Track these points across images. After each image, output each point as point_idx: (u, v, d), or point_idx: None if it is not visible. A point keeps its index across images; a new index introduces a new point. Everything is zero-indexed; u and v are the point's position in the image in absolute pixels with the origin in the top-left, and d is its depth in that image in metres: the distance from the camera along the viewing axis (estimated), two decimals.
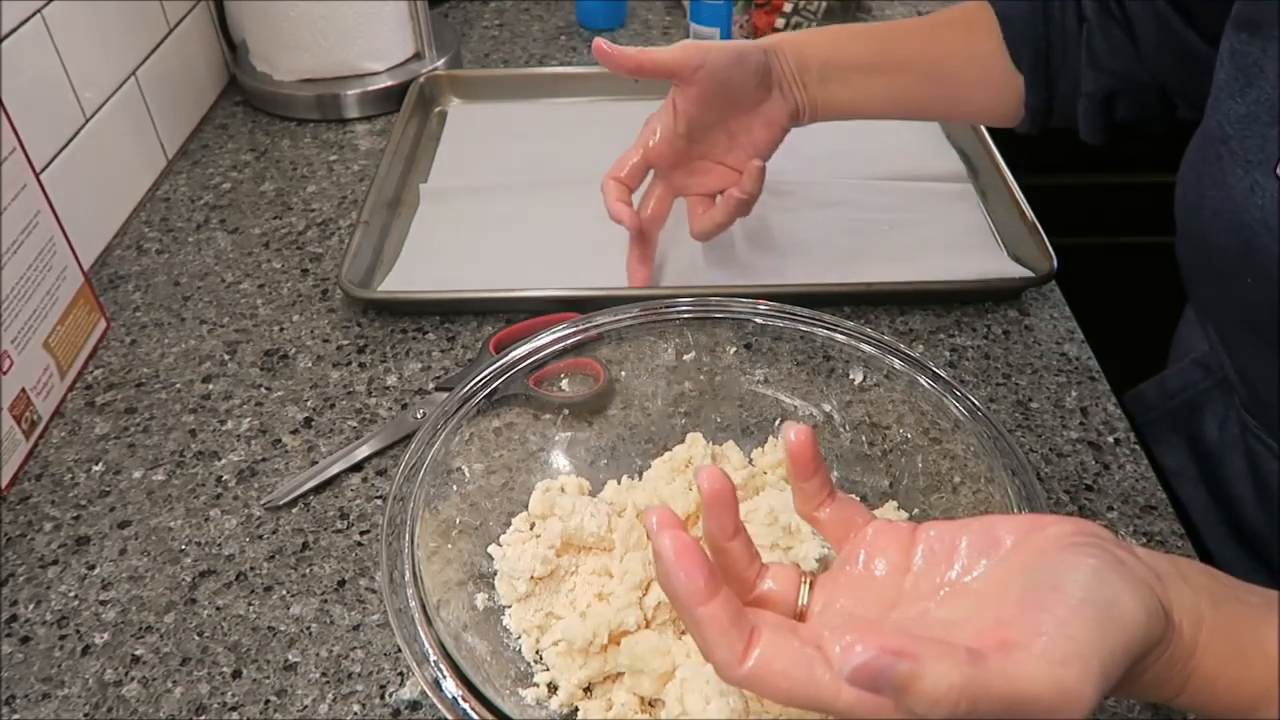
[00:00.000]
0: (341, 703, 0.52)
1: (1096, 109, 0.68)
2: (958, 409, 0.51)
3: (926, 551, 0.38)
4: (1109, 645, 0.31)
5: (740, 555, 0.39)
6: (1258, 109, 0.48)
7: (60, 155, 0.79)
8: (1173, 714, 0.51)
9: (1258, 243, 0.48)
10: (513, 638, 0.49)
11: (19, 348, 0.64)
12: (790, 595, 0.39)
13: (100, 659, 0.54)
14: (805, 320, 0.56)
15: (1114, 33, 0.66)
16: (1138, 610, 0.33)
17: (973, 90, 0.72)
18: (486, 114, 1.02)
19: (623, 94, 1.01)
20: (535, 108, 1.03)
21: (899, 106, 0.73)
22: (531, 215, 0.85)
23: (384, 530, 0.46)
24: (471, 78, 1.05)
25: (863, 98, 0.71)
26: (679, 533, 0.35)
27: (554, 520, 0.51)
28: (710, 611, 0.34)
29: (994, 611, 0.33)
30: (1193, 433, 0.67)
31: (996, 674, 0.30)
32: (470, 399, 0.53)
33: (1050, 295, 0.78)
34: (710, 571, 0.35)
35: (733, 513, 0.39)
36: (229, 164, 0.97)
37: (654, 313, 0.57)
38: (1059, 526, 0.36)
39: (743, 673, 0.34)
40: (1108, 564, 0.34)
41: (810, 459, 0.41)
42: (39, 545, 0.60)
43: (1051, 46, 0.68)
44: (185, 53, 1.00)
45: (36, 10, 0.76)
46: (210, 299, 0.80)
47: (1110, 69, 0.66)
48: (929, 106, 0.75)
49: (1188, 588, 0.36)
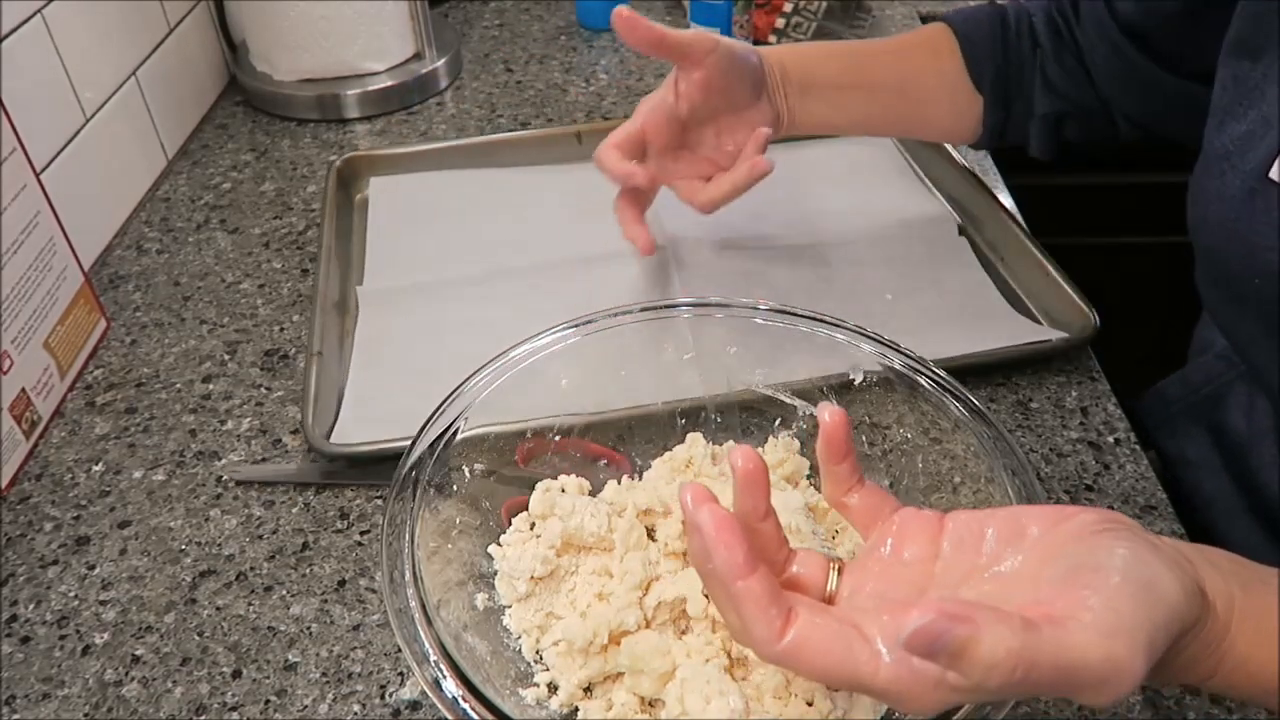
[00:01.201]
0: (341, 703, 0.52)
1: (1048, 129, 0.74)
2: (958, 409, 0.51)
3: (955, 539, 0.38)
4: (1154, 620, 0.32)
5: (771, 537, 0.39)
6: (1257, 126, 0.52)
7: (60, 155, 0.79)
8: (1172, 714, 0.51)
9: (1260, 243, 0.50)
10: (513, 638, 0.49)
11: (19, 348, 0.64)
12: (819, 580, 0.39)
13: (100, 659, 0.54)
14: (805, 320, 0.56)
15: (1066, 59, 0.71)
16: (1176, 589, 0.33)
17: (939, 109, 0.76)
18: (413, 188, 0.91)
19: (568, 160, 0.92)
20: (473, 179, 0.92)
21: (870, 123, 0.78)
22: (487, 313, 0.76)
23: (384, 530, 0.46)
24: (385, 157, 0.93)
25: (837, 113, 0.75)
26: (716, 507, 0.35)
27: (554, 520, 0.51)
28: (749, 586, 0.34)
29: (1029, 594, 0.33)
30: (1217, 424, 0.68)
31: (1050, 642, 0.30)
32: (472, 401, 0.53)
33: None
34: (749, 547, 0.35)
35: (765, 493, 0.39)
36: (229, 164, 0.97)
37: (654, 312, 0.57)
38: (1085, 515, 0.36)
39: (780, 649, 0.34)
40: (1143, 547, 0.34)
41: (843, 440, 0.41)
42: (39, 545, 0.60)
43: (1009, 70, 0.73)
44: (185, 53, 1.00)
45: (36, 10, 0.77)
46: (210, 299, 0.80)
47: (1062, 93, 0.72)
48: (897, 124, 0.80)
49: (1216, 571, 0.37)
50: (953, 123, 0.77)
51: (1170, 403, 0.72)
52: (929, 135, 0.85)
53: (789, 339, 0.56)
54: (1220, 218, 0.54)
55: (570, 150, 0.92)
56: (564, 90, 1.07)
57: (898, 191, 0.89)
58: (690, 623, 0.47)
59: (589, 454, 0.58)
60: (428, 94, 1.06)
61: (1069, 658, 0.30)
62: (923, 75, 0.75)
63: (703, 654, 0.45)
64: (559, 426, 0.57)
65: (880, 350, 0.54)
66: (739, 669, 0.46)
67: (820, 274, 0.78)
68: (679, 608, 0.47)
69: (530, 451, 0.56)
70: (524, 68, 1.12)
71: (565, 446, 0.57)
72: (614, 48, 1.16)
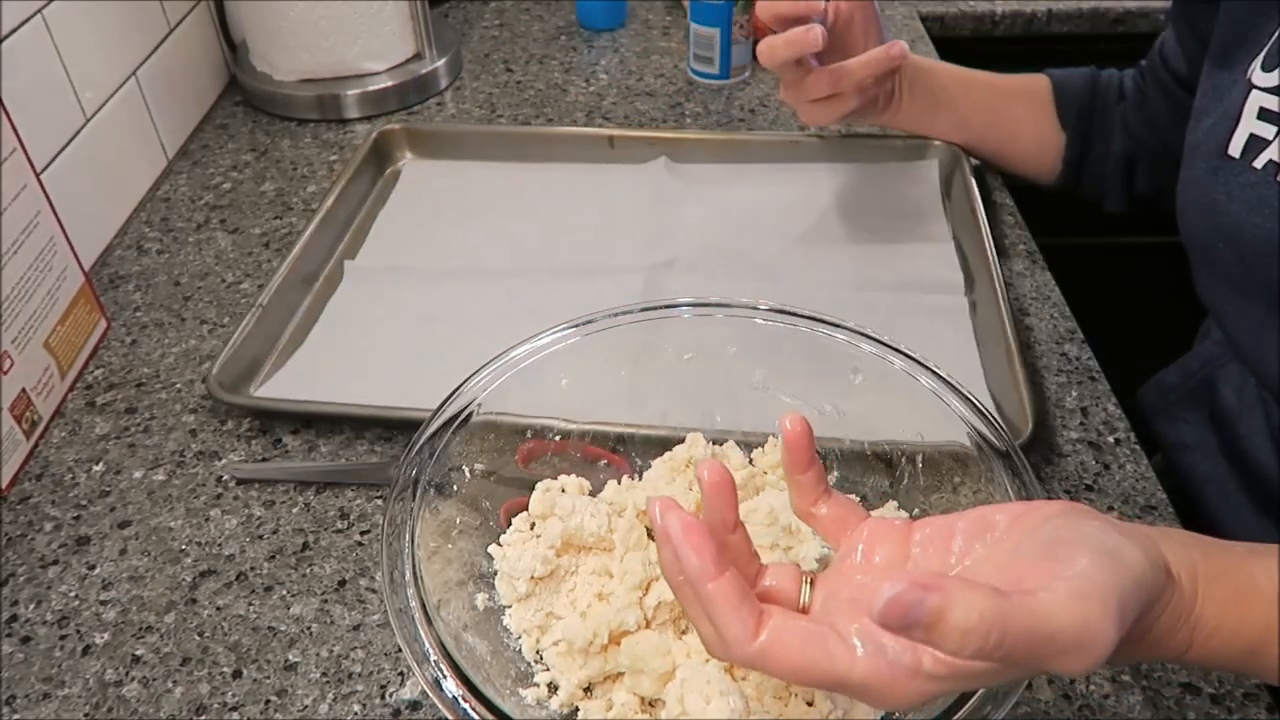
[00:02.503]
0: (342, 703, 0.52)
1: (1121, 172, 0.82)
2: (958, 408, 0.51)
3: (924, 541, 0.38)
4: (1122, 584, 0.32)
5: (742, 551, 0.39)
6: (1220, 118, 0.61)
7: (60, 155, 0.79)
8: (1172, 714, 0.51)
9: (1219, 209, 0.60)
10: (513, 638, 0.49)
11: (19, 348, 0.64)
12: (792, 592, 0.39)
13: (100, 659, 0.54)
14: (805, 320, 0.56)
15: (1145, 107, 0.80)
16: (1140, 558, 0.34)
17: (1025, 130, 0.84)
18: (443, 174, 0.92)
19: (597, 160, 0.93)
20: (500, 171, 0.92)
21: (961, 126, 0.86)
22: (460, 310, 0.76)
23: (384, 530, 0.46)
24: (433, 132, 0.96)
25: (935, 111, 0.84)
26: (684, 513, 0.36)
27: (554, 520, 0.51)
28: (720, 588, 0.34)
29: (1000, 577, 0.34)
30: (1212, 406, 0.70)
31: (1022, 608, 0.30)
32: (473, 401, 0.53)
33: (1050, 294, 0.78)
34: (718, 549, 0.35)
35: (733, 505, 0.39)
36: (229, 164, 0.97)
37: (654, 312, 0.57)
38: (1050, 506, 0.37)
39: (755, 648, 0.34)
40: (1105, 524, 0.35)
41: (805, 449, 0.41)
42: (39, 545, 0.60)
43: (1094, 111, 0.82)
44: (185, 53, 1.00)
45: (37, 10, 0.77)
46: (210, 299, 0.80)
47: (1136, 134, 0.80)
48: (986, 137, 0.86)
49: (1176, 544, 0.38)
50: (1036, 149, 0.85)
51: (1169, 390, 0.74)
52: (1013, 158, 0.88)
53: (789, 339, 0.56)
54: (1193, 198, 0.62)
55: (602, 152, 0.93)
56: (564, 90, 1.07)
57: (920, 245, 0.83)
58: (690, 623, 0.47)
59: (589, 455, 0.58)
60: (428, 94, 1.06)
61: (1042, 622, 0.30)
62: (1016, 99, 0.84)
63: (703, 654, 0.45)
64: (559, 428, 0.57)
65: (880, 350, 0.54)
66: (739, 669, 0.46)
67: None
68: (679, 608, 0.47)
69: (530, 452, 0.56)
70: (524, 68, 1.12)
71: (565, 447, 0.57)
72: (614, 48, 1.16)
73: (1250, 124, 0.59)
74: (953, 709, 0.38)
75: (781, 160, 0.92)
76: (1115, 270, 1.19)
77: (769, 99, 1.05)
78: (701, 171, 0.92)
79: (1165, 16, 0.84)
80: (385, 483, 0.63)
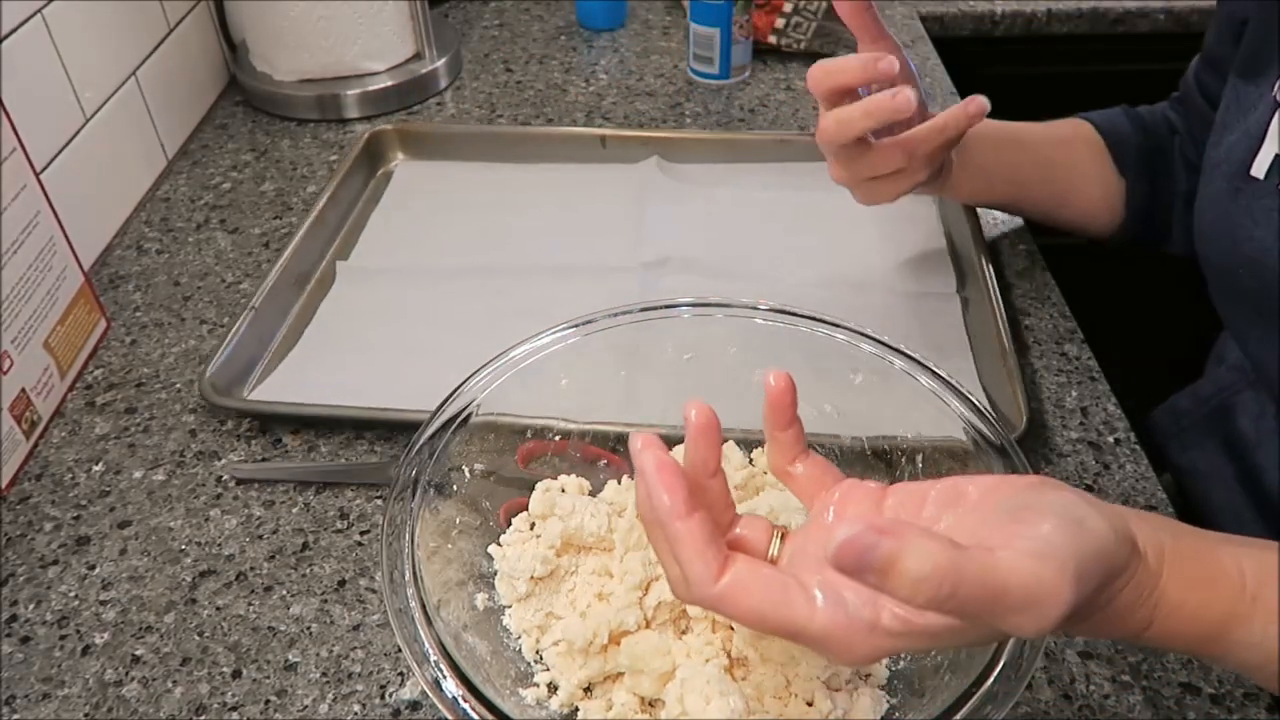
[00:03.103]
0: (341, 703, 0.52)
1: (1185, 209, 0.71)
2: (957, 408, 0.51)
3: (896, 505, 0.39)
4: (1083, 551, 0.32)
5: (718, 497, 0.40)
6: (1242, 135, 0.59)
7: (60, 155, 0.79)
8: (1172, 714, 0.51)
9: (1241, 233, 0.57)
10: (513, 638, 0.49)
11: (19, 348, 0.64)
12: (762, 543, 0.39)
13: (100, 659, 0.54)
14: (805, 320, 0.56)
15: (1194, 137, 0.73)
16: (1106, 529, 0.34)
17: (1084, 183, 0.75)
18: (435, 175, 0.93)
19: (589, 160, 0.93)
20: (491, 171, 0.92)
21: (1016, 195, 0.76)
22: (452, 310, 0.76)
23: (384, 530, 0.46)
24: (424, 133, 0.96)
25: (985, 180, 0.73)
26: (662, 453, 0.36)
27: (554, 520, 0.51)
28: (688, 527, 0.35)
29: (966, 540, 0.33)
30: (1226, 434, 0.69)
31: (977, 561, 0.30)
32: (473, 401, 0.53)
33: (1050, 295, 0.78)
34: (690, 491, 0.36)
35: (716, 448, 0.39)
36: (229, 164, 0.97)
37: (654, 312, 0.57)
38: (1023, 479, 0.38)
39: (716, 590, 0.34)
40: (1076, 495, 0.36)
41: (788, 406, 0.42)
42: (39, 545, 0.60)
43: (1151, 150, 0.74)
44: (185, 53, 1.00)
45: (36, 10, 0.77)
46: (210, 299, 0.80)
47: (1196, 166, 0.69)
48: (1042, 197, 0.76)
49: (1147, 524, 0.38)
50: (1101, 197, 0.75)
51: (1181, 416, 0.73)
52: (1069, 212, 0.78)
53: (789, 339, 0.56)
54: (1212, 219, 0.60)
55: (594, 152, 0.93)
56: (564, 90, 1.07)
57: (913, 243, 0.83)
58: (690, 623, 0.47)
59: (588, 455, 0.58)
60: (428, 94, 1.06)
61: (996, 577, 0.30)
62: (1072, 147, 0.75)
63: (703, 654, 0.45)
64: (559, 428, 0.57)
65: (880, 350, 0.54)
66: (739, 669, 0.46)
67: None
68: (679, 608, 0.47)
69: (530, 452, 0.56)
70: (524, 68, 1.12)
71: (565, 447, 0.57)
72: (614, 48, 1.16)
73: (1275, 145, 0.56)
74: (953, 709, 0.38)
75: (776, 159, 0.92)
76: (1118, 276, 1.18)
77: (769, 99, 1.05)
78: (694, 171, 0.92)
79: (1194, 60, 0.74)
80: (385, 483, 0.63)
